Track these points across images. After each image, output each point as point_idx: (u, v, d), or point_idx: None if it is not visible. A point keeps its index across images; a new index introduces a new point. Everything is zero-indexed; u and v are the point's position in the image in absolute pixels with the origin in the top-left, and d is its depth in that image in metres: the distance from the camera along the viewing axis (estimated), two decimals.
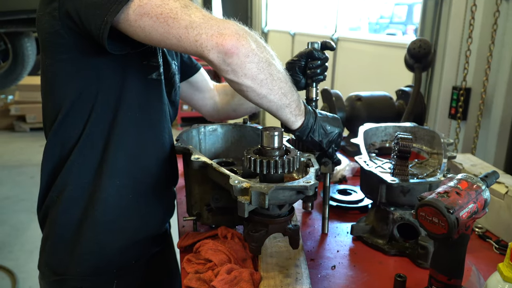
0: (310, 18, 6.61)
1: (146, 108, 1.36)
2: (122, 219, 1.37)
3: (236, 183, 1.11)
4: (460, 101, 2.73)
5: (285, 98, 1.22)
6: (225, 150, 1.65)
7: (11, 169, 6.26)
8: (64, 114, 1.28)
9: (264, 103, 1.20)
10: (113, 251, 1.37)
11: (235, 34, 1.08)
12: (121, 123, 1.31)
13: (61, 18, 1.18)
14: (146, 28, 1.09)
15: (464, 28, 2.71)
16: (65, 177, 1.31)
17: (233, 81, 1.14)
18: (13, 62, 5.78)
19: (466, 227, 1.04)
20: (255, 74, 1.13)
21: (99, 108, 1.28)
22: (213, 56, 1.08)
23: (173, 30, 1.08)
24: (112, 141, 1.31)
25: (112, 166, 1.32)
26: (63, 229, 1.34)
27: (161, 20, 1.08)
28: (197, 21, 1.08)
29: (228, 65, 1.09)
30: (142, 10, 1.08)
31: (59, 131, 1.30)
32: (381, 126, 1.81)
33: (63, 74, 1.27)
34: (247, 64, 1.10)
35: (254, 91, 1.16)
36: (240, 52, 1.08)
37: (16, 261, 3.90)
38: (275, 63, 1.20)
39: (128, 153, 1.34)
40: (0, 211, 4.95)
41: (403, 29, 9.16)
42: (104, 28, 1.09)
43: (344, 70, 4.67)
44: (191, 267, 1.27)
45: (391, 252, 1.41)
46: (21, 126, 8.08)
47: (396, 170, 1.42)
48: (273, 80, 1.17)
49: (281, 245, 1.36)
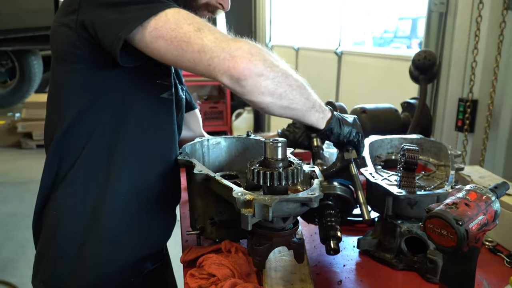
0: (313, 33, 6.62)
1: (155, 125, 1.35)
2: (125, 236, 1.35)
3: (239, 195, 1.09)
4: (467, 113, 2.70)
5: (308, 102, 1.23)
6: (228, 163, 1.63)
7: (18, 186, 6.26)
8: (69, 123, 1.28)
9: (288, 112, 1.21)
10: (115, 267, 1.35)
11: (247, 55, 1.09)
12: (128, 137, 1.30)
13: (77, 29, 1.20)
14: (161, 50, 1.12)
15: (470, 39, 2.69)
16: (67, 190, 1.30)
17: (251, 101, 1.14)
18: (20, 79, 5.83)
19: (476, 240, 1.01)
20: (272, 90, 1.13)
21: (106, 121, 1.28)
22: (226, 80, 1.10)
23: (187, 54, 1.11)
24: (118, 156, 1.30)
25: (117, 181, 1.30)
26: (63, 245, 1.31)
27: (175, 43, 1.10)
28: (209, 44, 1.09)
29: (242, 87, 1.10)
30: (158, 33, 1.11)
31: (63, 141, 1.30)
32: (387, 138, 1.79)
33: (74, 83, 1.28)
34: (261, 82, 1.10)
35: (275, 104, 1.16)
36: (253, 72, 1.09)
37: (21, 277, 3.87)
38: (292, 73, 1.20)
39: (133, 169, 1.32)
40: (7, 228, 4.94)
41: (408, 43, 9.17)
42: (118, 43, 1.12)
43: (348, 83, 4.66)
44: (194, 282, 1.24)
45: (399, 266, 1.37)
46: (27, 143, 8.10)
47: (403, 182, 1.39)
48: (293, 90, 1.17)
49: (286, 259, 1.34)
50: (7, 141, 8.27)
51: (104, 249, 1.32)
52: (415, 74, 2.28)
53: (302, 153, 2.15)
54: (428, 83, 2.29)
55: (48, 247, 1.34)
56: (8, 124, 8.38)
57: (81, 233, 1.30)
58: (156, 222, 1.41)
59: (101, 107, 1.28)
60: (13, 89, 5.94)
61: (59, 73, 1.30)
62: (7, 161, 7.49)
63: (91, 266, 1.32)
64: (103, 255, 1.32)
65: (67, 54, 1.25)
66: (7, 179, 6.61)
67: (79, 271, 1.31)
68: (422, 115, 2.19)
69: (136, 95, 1.30)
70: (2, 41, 4.80)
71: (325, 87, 4.94)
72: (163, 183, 1.40)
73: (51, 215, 1.32)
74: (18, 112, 8.66)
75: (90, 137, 1.28)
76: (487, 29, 2.61)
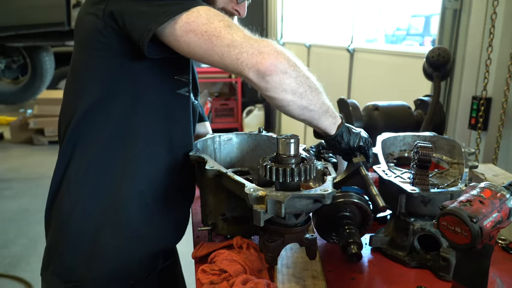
0: (325, 30, 6.60)
1: (170, 120, 1.37)
2: (142, 227, 1.36)
3: (251, 191, 1.09)
4: (481, 111, 2.67)
5: (324, 105, 1.27)
6: (240, 160, 1.63)
7: (30, 182, 6.31)
8: (85, 110, 1.29)
9: (306, 113, 1.24)
10: (131, 260, 1.37)
11: (273, 52, 1.13)
12: (142, 129, 1.33)
13: (105, 18, 1.23)
14: (191, 44, 1.16)
15: (484, 36, 2.66)
16: (83, 178, 1.31)
17: (274, 97, 1.17)
18: (31, 76, 5.88)
19: (490, 237, 1.00)
20: (294, 88, 1.17)
21: (121, 111, 1.31)
22: (252, 75, 1.13)
23: (216, 48, 1.14)
24: (133, 146, 1.32)
25: (134, 172, 1.32)
26: (78, 235, 1.32)
27: (205, 37, 1.14)
28: (238, 40, 1.14)
29: (267, 82, 1.14)
30: (189, 27, 1.15)
31: (79, 129, 1.31)
32: (400, 135, 1.78)
33: (95, 69, 1.30)
34: (286, 80, 1.15)
35: (295, 103, 1.19)
36: (279, 69, 1.13)
37: (33, 273, 3.91)
38: (311, 76, 1.24)
39: (149, 161, 1.34)
40: (19, 223, 4.98)
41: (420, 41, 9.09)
42: (147, 35, 1.15)
43: (360, 80, 4.63)
44: (206, 278, 1.24)
45: (412, 264, 1.36)
46: (39, 140, 8.16)
47: (416, 179, 1.38)
48: (312, 91, 1.21)
49: (297, 256, 1.33)
50: (19, 138, 8.33)
51: (121, 239, 1.34)
52: (428, 71, 2.26)
53: None
54: (442, 81, 2.27)
55: (61, 238, 1.35)
56: (20, 120, 8.45)
57: (96, 223, 1.32)
58: (170, 216, 1.43)
59: (117, 96, 1.30)
60: (24, 86, 5.99)
61: (80, 60, 1.33)
62: (19, 157, 7.55)
63: (107, 258, 1.33)
64: (120, 245, 1.34)
65: (92, 41, 1.27)
66: (19, 175, 6.66)
67: (95, 263, 1.32)
68: (435, 112, 2.17)
69: (153, 88, 1.32)
70: (13, 37, 4.84)
71: (337, 84, 4.92)
72: (178, 178, 1.41)
73: (64, 206, 1.33)
74: (30, 109, 8.73)
75: (105, 126, 1.30)
76: (502, 26, 2.58)
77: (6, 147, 8.13)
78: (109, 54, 1.27)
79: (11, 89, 6.07)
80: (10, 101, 6.61)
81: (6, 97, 6.18)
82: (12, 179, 6.46)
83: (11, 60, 5.79)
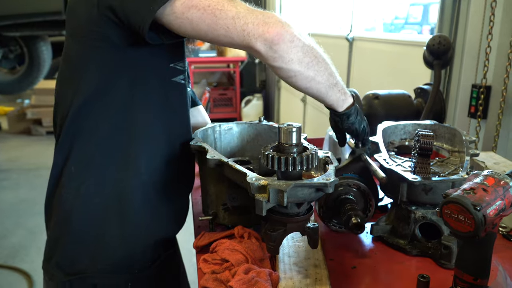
0: (324, 19, 6.56)
1: (167, 109, 1.36)
2: (147, 217, 1.36)
3: (253, 180, 1.08)
4: (480, 99, 2.67)
5: (332, 78, 1.26)
6: (240, 149, 1.62)
7: (28, 172, 6.31)
8: (82, 102, 1.28)
9: (313, 85, 1.23)
10: (136, 249, 1.37)
11: (278, 22, 1.13)
12: (140, 119, 1.31)
13: (100, 6, 1.19)
14: (194, 19, 1.13)
15: (484, 24, 2.64)
16: (85, 169, 1.30)
17: (281, 67, 1.17)
18: (29, 66, 5.84)
19: (493, 225, 1.00)
20: (301, 58, 1.16)
21: (118, 101, 1.29)
22: (260, 45, 1.12)
23: (220, 21, 1.12)
24: (134, 136, 1.31)
25: (136, 162, 1.32)
26: (82, 227, 1.32)
27: (208, 11, 1.12)
28: (242, 11, 1.13)
29: (275, 52, 1.13)
30: (190, 3, 1.12)
31: (77, 121, 1.29)
32: (400, 124, 1.77)
33: (91, 61, 1.27)
34: (292, 49, 1.14)
35: (302, 74, 1.19)
36: (286, 38, 1.12)
37: (32, 263, 3.91)
38: (317, 47, 1.23)
39: (149, 150, 1.34)
40: (17, 214, 4.99)
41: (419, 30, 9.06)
42: (148, 17, 1.12)
43: (359, 69, 4.62)
44: (207, 267, 1.24)
45: (413, 252, 1.36)
46: (37, 130, 8.15)
47: (418, 168, 1.38)
48: (318, 62, 1.21)
49: (299, 245, 1.33)
50: (17, 128, 8.32)
51: (126, 230, 1.34)
52: (429, 59, 2.25)
53: (315, 139, 2.14)
54: (442, 69, 2.26)
55: (64, 231, 1.34)
56: (17, 110, 8.43)
57: (101, 215, 1.32)
58: (171, 205, 1.43)
59: (114, 88, 1.28)
60: (22, 76, 5.95)
61: (74, 50, 1.30)
62: (17, 148, 7.54)
63: (112, 249, 1.33)
64: (125, 236, 1.34)
65: (86, 31, 1.24)
66: (17, 165, 6.66)
67: (100, 254, 1.33)
68: (435, 101, 2.17)
69: (150, 77, 1.31)
70: (10, 26, 4.80)
71: None
72: (177, 166, 1.41)
73: (66, 200, 1.32)
74: (27, 99, 8.71)
75: (104, 118, 1.29)
76: (502, 14, 2.57)
77: (4, 137, 8.12)
78: (105, 44, 1.25)
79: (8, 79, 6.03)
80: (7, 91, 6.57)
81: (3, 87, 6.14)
82: (10, 170, 6.46)
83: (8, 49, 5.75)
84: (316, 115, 5.68)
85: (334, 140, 1.84)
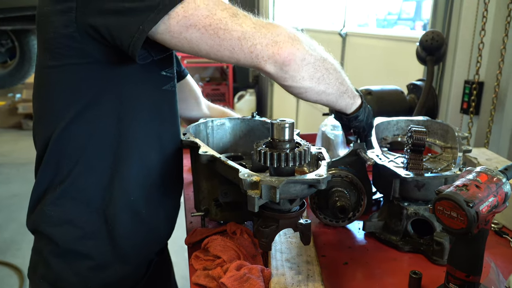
0: (317, 14, 6.55)
1: (158, 118, 1.28)
2: (136, 236, 1.30)
3: (245, 176, 1.07)
4: (473, 95, 2.67)
5: (342, 86, 1.24)
6: (233, 144, 1.61)
7: (20, 167, 6.27)
8: (67, 123, 1.17)
9: (323, 97, 1.21)
10: (126, 265, 1.30)
11: (288, 39, 1.07)
12: (131, 132, 1.22)
13: (78, 21, 1.07)
14: (193, 40, 1.04)
15: (477, 20, 2.65)
16: (71, 188, 1.21)
17: (292, 86, 1.13)
18: (20, 60, 5.78)
19: (485, 222, 0.99)
20: (312, 74, 1.13)
21: (107, 118, 1.18)
22: (270, 67, 1.07)
23: (225, 42, 1.04)
24: (122, 150, 1.22)
25: (125, 181, 1.23)
26: (68, 244, 1.23)
27: (210, 32, 1.03)
28: (249, 31, 1.05)
29: (285, 72, 1.09)
30: (188, 22, 1.02)
31: (61, 142, 1.19)
32: (393, 120, 1.77)
33: (71, 80, 1.15)
34: (304, 67, 1.10)
35: (313, 89, 1.16)
36: (297, 57, 1.08)
37: (24, 259, 3.89)
38: (327, 56, 1.20)
39: (138, 163, 1.25)
40: (9, 209, 4.96)
41: (412, 26, 9.07)
42: (139, 38, 1.02)
43: (352, 65, 4.62)
44: (199, 264, 1.23)
45: (405, 248, 1.36)
46: (28, 124, 8.09)
47: (410, 164, 1.37)
48: (329, 74, 1.18)
49: (291, 241, 1.33)
50: (8, 122, 8.27)
51: (114, 250, 1.26)
52: (422, 55, 2.25)
53: (307, 135, 2.13)
54: (435, 65, 2.26)
55: (48, 247, 1.25)
56: (8, 105, 8.37)
57: (86, 235, 1.23)
58: (162, 215, 1.38)
59: (101, 106, 1.17)
60: (13, 70, 5.89)
61: (50, 67, 1.16)
62: (8, 142, 7.49)
63: (102, 267, 1.26)
64: (113, 255, 1.26)
65: (62, 46, 1.11)
66: (8, 160, 6.63)
67: (88, 274, 1.25)
68: (428, 96, 2.17)
69: (139, 89, 1.21)
70: (1, 20, 4.75)
71: None
72: (168, 177, 1.36)
73: (49, 215, 1.23)
74: (18, 93, 8.64)
75: (91, 136, 1.19)
76: (495, 10, 2.57)
77: None
78: (84, 61, 1.12)
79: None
80: None
81: None
82: (1, 164, 6.42)
83: None
84: (309, 111, 5.68)
85: (326, 136, 1.84)
